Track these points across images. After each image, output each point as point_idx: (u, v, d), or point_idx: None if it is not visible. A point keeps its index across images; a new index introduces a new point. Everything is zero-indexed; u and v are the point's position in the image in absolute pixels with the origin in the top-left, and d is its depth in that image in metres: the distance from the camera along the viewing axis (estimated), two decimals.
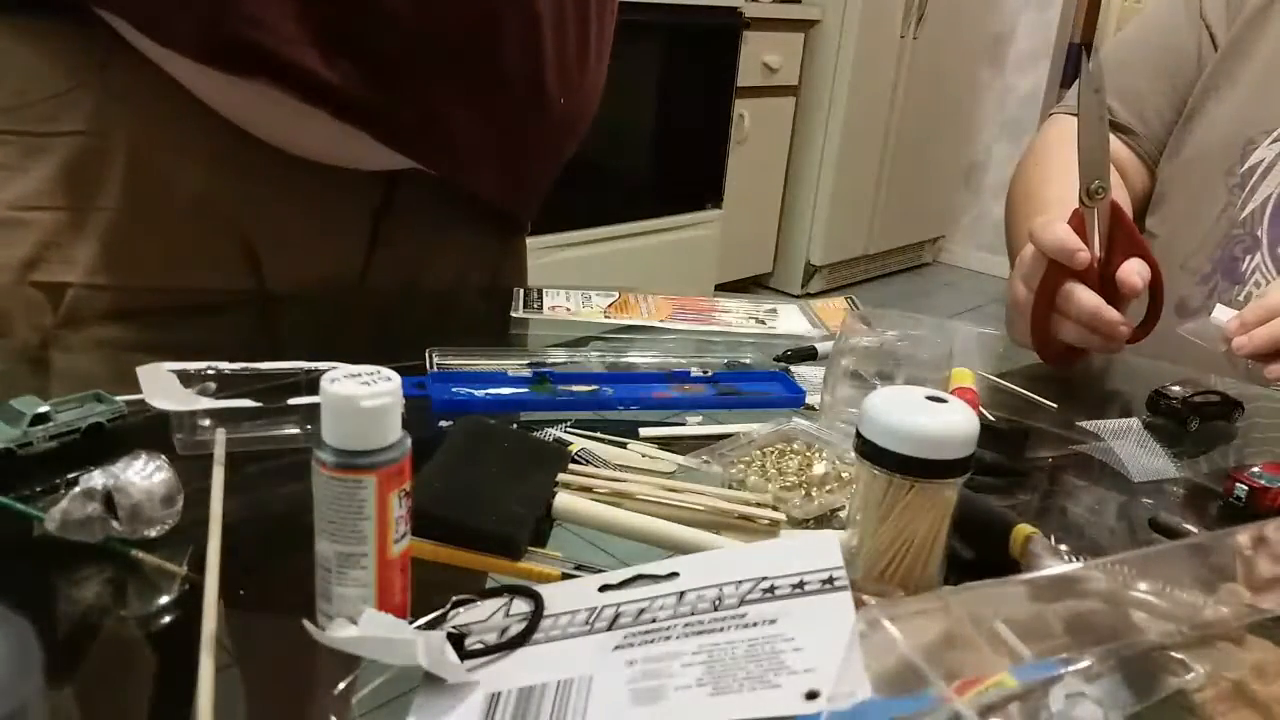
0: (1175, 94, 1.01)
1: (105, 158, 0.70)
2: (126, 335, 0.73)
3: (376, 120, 0.72)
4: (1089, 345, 0.77)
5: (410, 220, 0.84)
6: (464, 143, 0.77)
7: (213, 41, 0.66)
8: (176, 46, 0.67)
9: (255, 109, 0.71)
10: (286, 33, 0.66)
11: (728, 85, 3.14)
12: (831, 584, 0.44)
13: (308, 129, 0.72)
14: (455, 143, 0.77)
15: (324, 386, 0.42)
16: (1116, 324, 0.74)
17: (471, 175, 0.80)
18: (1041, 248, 0.74)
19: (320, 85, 0.68)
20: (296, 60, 0.67)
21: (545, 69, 0.77)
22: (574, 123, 0.85)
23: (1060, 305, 0.75)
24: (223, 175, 0.73)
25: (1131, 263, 0.75)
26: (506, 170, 0.82)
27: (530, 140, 0.81)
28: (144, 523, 0.50)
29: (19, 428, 0.56)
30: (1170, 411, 0.74)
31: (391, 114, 0.72)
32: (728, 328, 0.91)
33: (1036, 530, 0.53)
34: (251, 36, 0.65)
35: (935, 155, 4.08)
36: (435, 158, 0.77)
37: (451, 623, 0.46)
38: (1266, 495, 0.62)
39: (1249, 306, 0.74)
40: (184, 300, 0.75)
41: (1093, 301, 0.74)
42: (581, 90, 0.83)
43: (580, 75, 0.82)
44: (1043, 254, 0.75)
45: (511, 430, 0.65)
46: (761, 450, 0.64)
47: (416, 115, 0.73)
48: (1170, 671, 0.40)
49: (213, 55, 0.67)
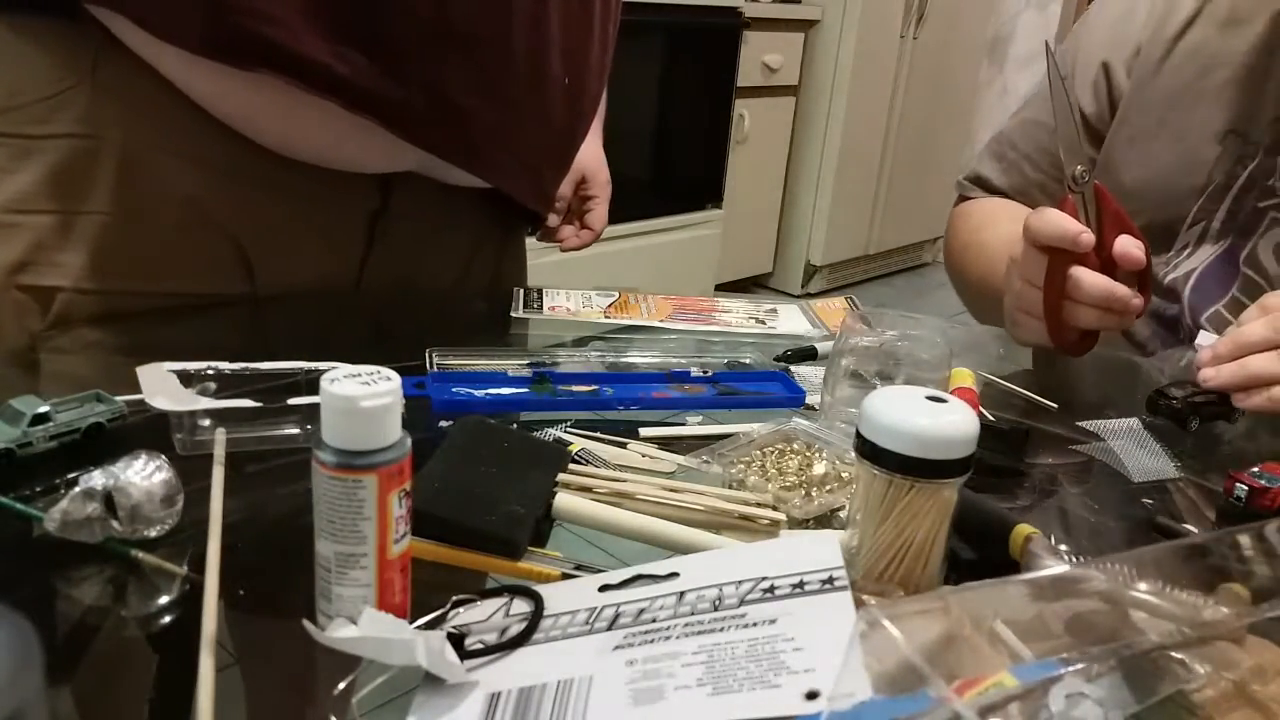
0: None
1: (96, 160, 0.70)
2: (116, 338, 0.73)
3: (389, 111, 0.71)
4: (1105, 325, 0.78)
5: (407, 222, 0.83)
6: (477, 130, 0.76)
7: (217, 35, 0.65)
8: (178, 41, 0.66)
9: (253, 108, 0.70)
10: (294, 25, 0.65)
11: (728, 85, 3.14)
12: (831, 584, 0.44)
13: (306, 129, 0.72)
14: (469, 130, 0.76)
15: (324, 386, 0.42)
16: (1129, 299, 0.76)
17: (485, 163, 0.79)
18: (1042, 239, 0.75)
19: (331, 77, 0.67)
20: (305, 53, 0.66)
21: (550, 47, 0.76)
22: (579, 102, 0.84)
23: (1071, 292, 0.76)
24: (215, 179, 0.73)
25: (1124, 238, 0.76)
26: (517, 157, 0.81)
27: (537, 123, 0.80)
28: (144, 523, 0.50)
29: (19, 428, 0.56)
30: (1170, 411, 0.74)
31: (404, 104, 0.71)
32: (728, 328, 0.91)
33: (1036, 530, 0.53)
34: (258, 29, 0.65)
35: (935, 155, 4.08)
36: (449, 146, 0.76)
37: (451, 623, 0.46)
38: (1266, 495, 0.62)
39: (1222, 338, 0.74)
40: (174, 303, 0.74)
41: (1102, 282, 0.75)
42: (586, 70, 0.82)
43: (584, 55, 0.81)
44: (1041, 246, 0.76)
45: (511, 430, 0.65)
46: (761, 450, 0.64)
47: (429, 104, 0.72)
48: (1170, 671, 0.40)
49: (217, 49, 0.66)
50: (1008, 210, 1.03)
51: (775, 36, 3.33)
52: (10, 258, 0.70)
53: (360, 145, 0.73)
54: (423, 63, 0.70)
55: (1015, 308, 0.82)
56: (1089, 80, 0.98)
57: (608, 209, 1.06)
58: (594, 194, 1.05)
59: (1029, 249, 0.77)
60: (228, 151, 0.72)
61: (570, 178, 1.01)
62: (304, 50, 0.66)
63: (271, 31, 0.65)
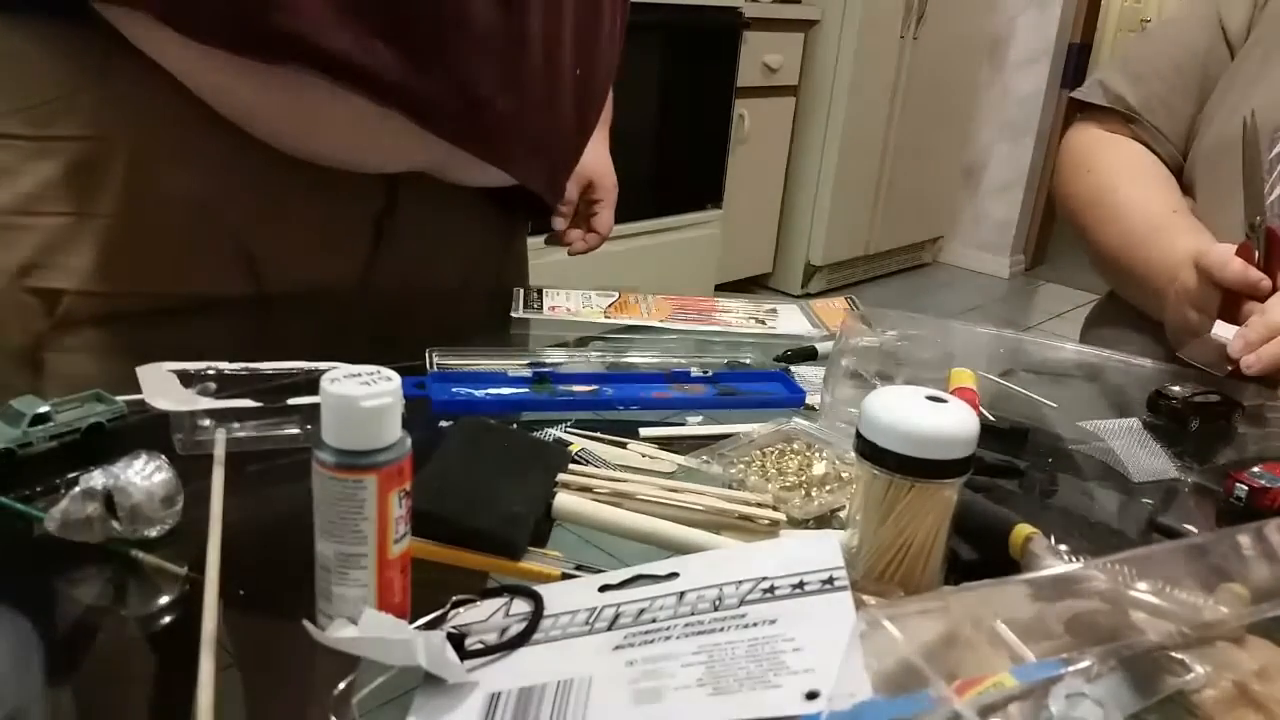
0: (1190, 92, 1.05)
1: (105, 162, 0.70)
2: (120, 338, 0.73)
3: (415, 103, 0.71)
4: None
5: (413, 223, 0.83)
6: (496, 121, 0.76)
7: (244, 30, 0.65)
8: (202, 37, 0.65)
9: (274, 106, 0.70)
10: (322, 18, 0.65)
11: (728, 85, 3.14)
12: (831, 584, 0.44)
13: (326, 125, 0.72)
14: (488, 122, 0.75)
15: (324, 386, 0.42)
16: None
17: (503, 154, 0.79)
18: (1224, 282, 0.82)
19: (359, 71, 0.67)
20: (334, 46, 0.66)
21: (563, 37, 0.76)
22: (588, 94, 0.84)
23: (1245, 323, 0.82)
24: (222, 180, 0.73)
25: None
26: (532, 148, 0.81)
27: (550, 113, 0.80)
28: (144, 523, 0.50)
29: (19, 428, 0.56)
30: (1170, 411, 0.74)
31: (429, 96, 0.71)
32: (728, 328, 0.91)
33: (1036, 530, 0.53)
34: (285, 22, 0.64)
35: (935, 155, 4.08)
36: (471, 138, 0.76)
37: (451, 623, 0.46)
38: (1266, 495, 0.62)
39: (1250, 323, 0.77)
40: (180, 304, 0.74)
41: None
42: (596, 62, 0.82)
43: (594, 46, 0.81)
44: (1216, 283, 0.82)
45: (511, 430, 0.65)
46: (761, 450, 0.64)
47: (453, 96, 0.72)
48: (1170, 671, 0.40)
49: (245, 44, 0.65)
50: (1136, 164, 1.05)
51: (775, 36, 3.33)
52: (19, 259, 0.70)
53: (378, 141, 0.73)
54: (446, 55, 0.70)
55: (1184, 329, 0.88)
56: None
57: (613, 213, 1.07)
58: (600, 198, 1.06)
59: (1204, 284, 0.83)
60: (235, 154, 0.72)
61: (577, 182, 1.02)
62: (332, 44, 0.66)
63: (296, 23, 0.65)
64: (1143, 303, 1.00)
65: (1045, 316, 3.89)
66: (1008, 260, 4.34)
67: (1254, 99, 0.96)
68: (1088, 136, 1.10)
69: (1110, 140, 1.08)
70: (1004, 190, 4.31)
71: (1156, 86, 1.05)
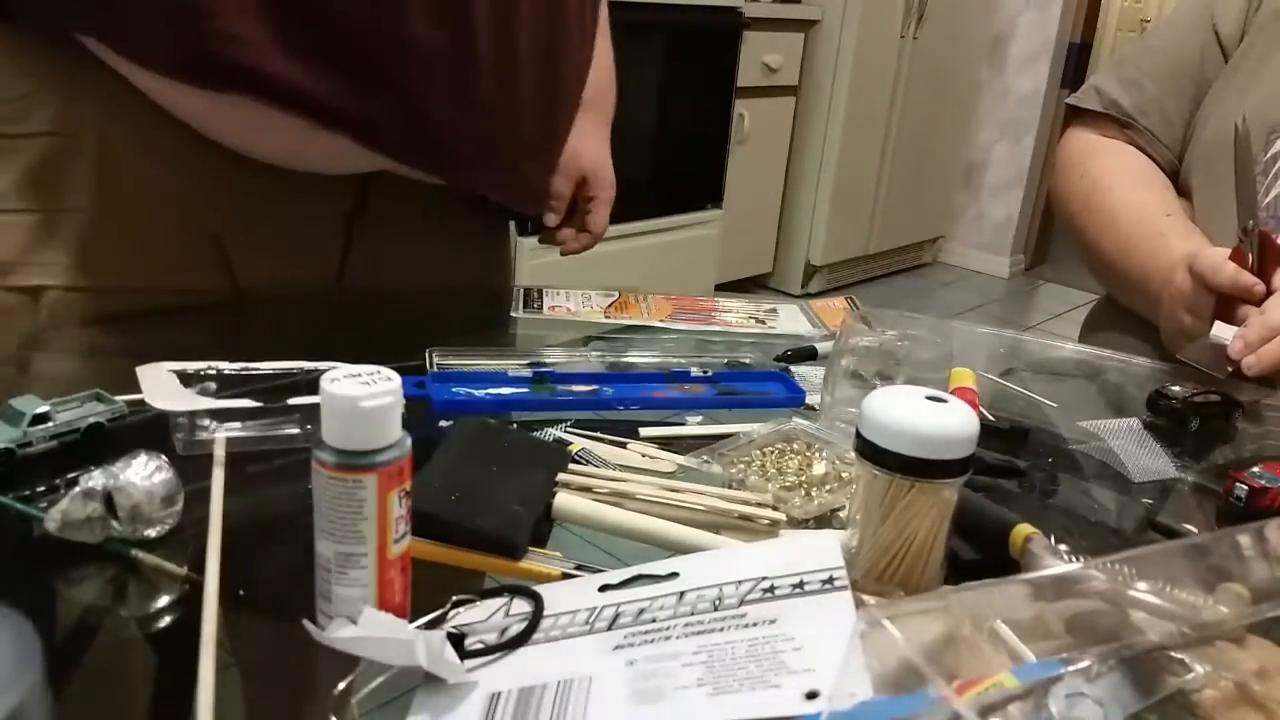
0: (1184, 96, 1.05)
1: (73, 158, 0.70)
2: (106, 339, 0.73)
3: (359, 125, 0.72)
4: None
5: (385, 222, 0.83)
6: (448, 137, 0.75)
7: (190, 60, 0.66)
8: (152, 65, 0.67)
9: (229, 123, 0.71)
10: (262, 45, 0.66)
11: (728, 85, 3.14)
12: (831, 584, 0.44)
13: (281, 142, 0.72)
14: (439, 138, 0.75)
15: (324, 387, 0.42)
16: None
17: (456, 169, 0.79)
18: (1218, 286, 0.82)
19: (300, 95, 0.68)
20: (274, 72, 0.67)
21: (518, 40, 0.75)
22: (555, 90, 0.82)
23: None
24: (191, 175, 0.73)
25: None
26: (490, 159, 0.80)
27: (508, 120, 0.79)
28: (144, 523, 0.50)
29: (19, 428, 0.56)
30: (1170, 411, 0.74)
31: (374, 117, 0.72)
32: (728, 328, 0.91)
33: (1036, 530, 0.53)
34: (226, 52, 0.65)
35: (935, 155, 4.08)
36: (421, 156, 0.76)
37: (451, 623, 0.45)
38: (1266, 495, 0.62)
39: (1249, 324, 0.77)
40: (160, 302, 0.74)
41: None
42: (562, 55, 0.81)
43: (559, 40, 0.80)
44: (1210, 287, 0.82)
45: (511, 430, 0.65)
46: (761, 450, 0.64)
47: (398, 116, 0.73)
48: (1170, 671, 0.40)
49: (188, 72, 0.67)
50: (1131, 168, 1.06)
51: (775, 36, 3.33)
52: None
53: (335, 154, 0.74)
54: (389, 76, 0.71)
55: (1176, 334, 0.88)
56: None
57: (609, 212, 1.04)
58: (595, 195, 1.03)
59: (1198, 288, 0.83)
60: (203, 150, 0.72)
61: (570, 177, 0.99)
62: (273, 70, 0.67)
63: (240, 53, 0.65)
64: (1138, 306, 1.00)
65: (1045, 316, 3.89)
66: (1008, 260, 4.34)
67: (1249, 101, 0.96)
68: (1083, 141, 1.11)
69: (1105, 145, 1.08)
70: (1004, 190, 4.31)
71: (1151, 91, 1.05)
